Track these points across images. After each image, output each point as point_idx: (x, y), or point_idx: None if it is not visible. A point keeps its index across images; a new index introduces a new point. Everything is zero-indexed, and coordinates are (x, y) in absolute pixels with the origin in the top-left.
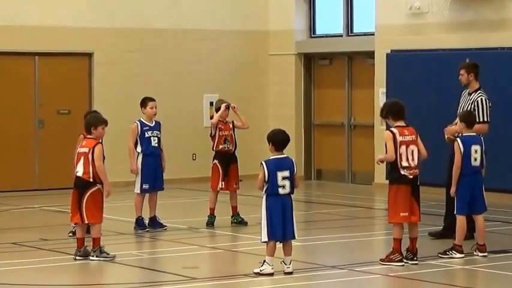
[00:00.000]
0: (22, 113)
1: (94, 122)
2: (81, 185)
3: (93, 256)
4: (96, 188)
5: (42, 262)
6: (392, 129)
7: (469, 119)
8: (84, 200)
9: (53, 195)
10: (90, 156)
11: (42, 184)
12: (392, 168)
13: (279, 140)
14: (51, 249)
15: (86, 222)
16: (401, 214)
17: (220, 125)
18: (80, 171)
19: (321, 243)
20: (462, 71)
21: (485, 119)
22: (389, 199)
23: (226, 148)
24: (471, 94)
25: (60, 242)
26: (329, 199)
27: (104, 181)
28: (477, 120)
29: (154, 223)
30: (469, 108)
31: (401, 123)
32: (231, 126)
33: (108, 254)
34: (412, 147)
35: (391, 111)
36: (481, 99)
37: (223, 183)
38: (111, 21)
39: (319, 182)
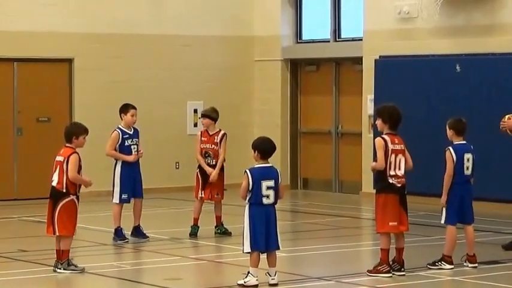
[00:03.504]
0: (0, 121)
1: (76, 130)
2: (55, 195)
3: (60, 269)
4: (69, 199)
5: (21, 274)
6: (384, 136)
7: (458, 126)
8: (57, 211)
9: (32, 205)
10: (64, 165)
11: (21, 194)
12: (380, 177)
13: (265, 148)
14: (30, 260)
15: (57, 234)
16: (390, 224)
17: (204, 137)
18: (55, 180)
19: (307, 253)
20: None
21: None
22: (377, 209)
23: (207, 163)
24: None
25: (39, 254)
26: (315, 209)
27: (82, 182)
28: None
29: (138, 232)
30: None
31: (393, 131)
32: (217, 139)
33: (76, 266)
34: (400, 156)
35: (390, 119)
36: None
37: (202, 192)
38: (92, 26)
39: (306, 191)
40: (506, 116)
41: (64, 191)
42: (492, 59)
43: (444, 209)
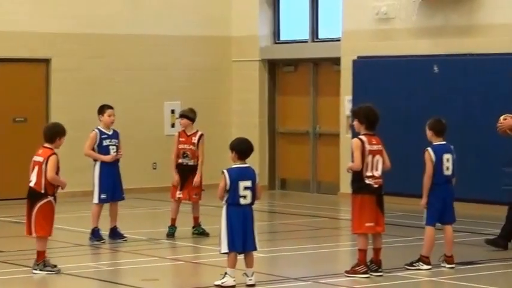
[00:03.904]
0: None
1: (60, 130)
2: (33, 196)
3: (36, 270)
4: (47, 200)
5: None
6: (361, 137)
7: (437, 127)
8: (34, 212)
9: (8, 206)
10: (43, 166)
11: None
12: (356, 178)
13: (243, 149)
14: (6, 261)
15: (34, 235)
16: (367, 224)
17: (181, 138)
18: (33, 180)
19: (285, 254)
20: None
21: None
22: (354, 209)
23: (184, 163)
24: None
25: (15, 254)
26: (293, 209)
27: (60, 183)
28: None
29: (115, 234)
30: None
31: (370, 131)
32: (194, 140)
33: (52, 267)
34: (378, 157)
35: (367, 119)
36: None
37: (180, 192)
38: (69, 26)
39: (284, 191)
40: (502, 117)
41: (42, 191)
42: (470, 60)
43: (426, 210)
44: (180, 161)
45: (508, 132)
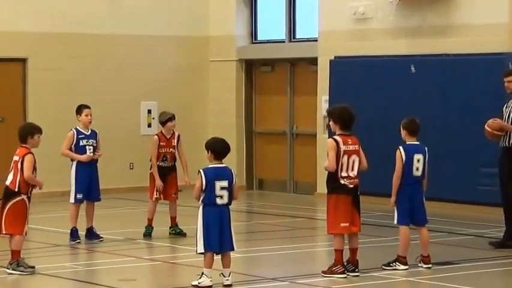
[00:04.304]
0: None
1: (30, 130)
2: (7, 194)
3: (9, 269)
4: (20, 198)
5: None
6: (335, 137)
7: (411, 127)
8: (6, 210)
9: None
10: (19, 165)
11: None
12: (331, 178)
13: (218, 149)
14: None
15: (4, 232)
16: (342, 224)
17: (162, 142)
18: (8, 179)
19: (262, 254)
20: (510, 78)
21: None
22: (329, 209)
23: (164, 166)
24: None
25: None
26: (271, 209)
27: (36, 183)
28: None
29: (91, 234)
30: None
31: (345, 131)
32: (174, 142)
33: (25, 267)
34: (354, 157)
35: (340, 120)
36: None
37: (157, 192)
38: (46, 25)
39: (261, 191)
40: (490, 120)
41: (16, 190)
42: (446, 60)
43: (395, 210)
44: (159, 163)
45: (497, 133)
